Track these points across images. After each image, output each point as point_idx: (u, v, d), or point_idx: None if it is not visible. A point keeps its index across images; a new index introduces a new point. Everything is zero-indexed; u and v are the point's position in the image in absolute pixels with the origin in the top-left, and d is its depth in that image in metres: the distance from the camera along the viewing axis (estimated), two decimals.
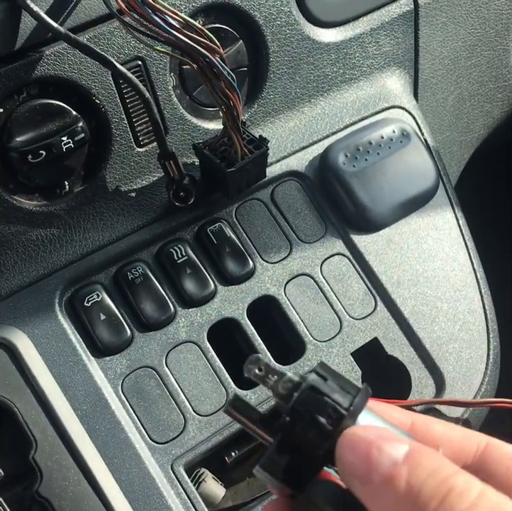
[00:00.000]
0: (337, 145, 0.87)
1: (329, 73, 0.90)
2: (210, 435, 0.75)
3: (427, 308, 0.85)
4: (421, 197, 0.88)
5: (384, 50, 0.94)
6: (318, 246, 0.85)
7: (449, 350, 0.84)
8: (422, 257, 0.87)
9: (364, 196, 0.85)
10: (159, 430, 0.74)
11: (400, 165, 0.88)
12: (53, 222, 0.77)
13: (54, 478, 0.68)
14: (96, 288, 0.77)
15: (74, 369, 0.73)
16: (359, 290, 0.84)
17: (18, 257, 0.75)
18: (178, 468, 0.73)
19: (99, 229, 0.79)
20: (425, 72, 1.00)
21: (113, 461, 0.71)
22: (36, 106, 0.72)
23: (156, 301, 0.78)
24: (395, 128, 0.89)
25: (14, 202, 0.73)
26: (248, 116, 0.86)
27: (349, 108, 0.92)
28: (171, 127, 0.80)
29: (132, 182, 0.80)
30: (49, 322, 0.74)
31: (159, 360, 0.76)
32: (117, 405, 0.73)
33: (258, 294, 0.82)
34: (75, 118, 0.73)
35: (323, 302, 0.83)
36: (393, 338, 0.83)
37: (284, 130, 0.88)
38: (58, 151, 0.72)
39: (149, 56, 0.77)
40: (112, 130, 0.77)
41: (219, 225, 0.82)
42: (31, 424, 0.69)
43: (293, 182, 0.87)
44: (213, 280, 0.81)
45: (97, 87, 0.74)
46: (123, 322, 0.76)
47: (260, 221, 0.85)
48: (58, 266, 0.77)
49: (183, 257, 0.80)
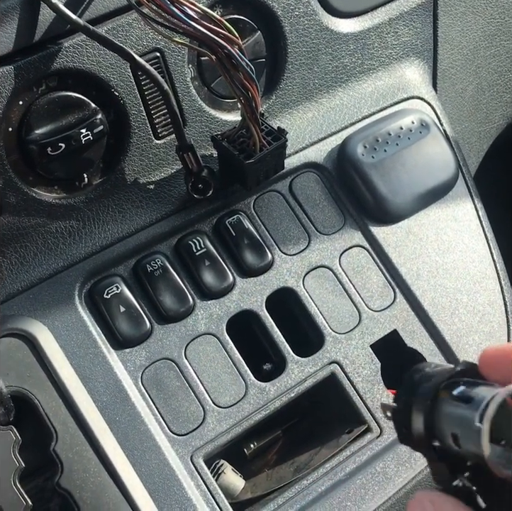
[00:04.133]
0: (356, 136, 0.87)
1: (347, 63, 0.89)
2: (230, 427, 0.75)
3: (446, 300, 0.84)
4: (440, 188, 0.88)
5: (402, 40, 0.93)
6: (336, 238, 0.85)
7: (469, 342, 0.83)
8: (441, 248, 0.87)
9: (383, 188, 0.85)
10: (178, 422, 0.74)
11: (419, 156, 0.87)
12: (72, 214, 0.77)
13: (75, 470, 0.69)
14: (116, 280, 0.77)
15: (94, 361, 0.73)
16: (378, 282, 0.84)
17: (37, 250, 0.76)
18: (197, 459, 0.74)
19: (118, 221, 0.79)
20: (444, 62, 0.99)
21: (133, 453, 0.71)
22: (55, 98, 0.72)
23: (175, 293, 0.78)
24: (414, 118, 0.89)
25: (34, 195, 0.74)
26: (266, 107, 0.85)
27: (367, 99, 0.91)
28: (189, 119, 0.80)
29: (150, 175, 0.80)
30: (69, 314, 0.74)
31: (178, 352, 0.76)
32: (137, 397, 0.74)
33: (277, 286, 0.82)
34: (94, 110, 0.73)
35: (342, 294, 0.83)
36: (413, 330, 0.83)
37: (302, 122, 0.88)
38: (77, 143, 0.72)
39: (168, 48, 0.77)
40: (130, 123, 0.77)
41: (237, 217, 0.82)
42: (52, 416, 0.70)
43: (312, 173, 0.87)
44: (232, 272, 0.81)
45: (116, 79, 0.74)
46: (142, 314, 0.76)
47: (278, 212, 0.84)
48: (77, 258, 0.77)
49: (201, 249, 0.80)
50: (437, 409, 0.44)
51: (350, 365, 0.80)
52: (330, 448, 0.78)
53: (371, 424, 0.78)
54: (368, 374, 0.80)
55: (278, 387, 0.78)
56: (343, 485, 0.75)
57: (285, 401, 0.78)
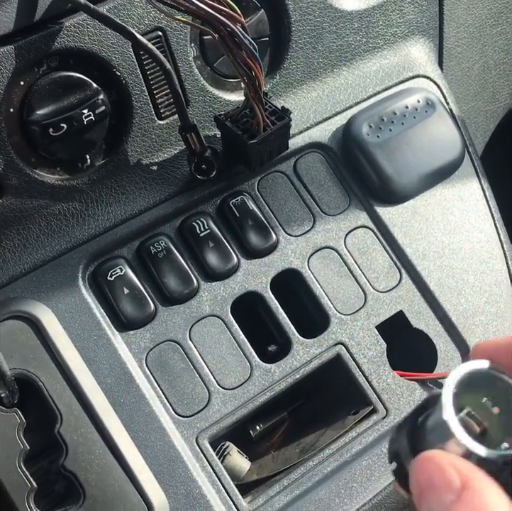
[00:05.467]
0: (361, 116, 0.86)
1: (352, 42, 0.88)
2: (235, 408, 0.75)
3: (453, 280, 0.84)
4: (447, 168, 0.87)
5: (407, 18, 0.92)
6: (341, 219, 0.84)
7: (475, 323, 0.83)
8: (447, 229, 0.86)
9: (388, 168, 0.84)
10: (183, 403, 0.74)
11: (425, 135, 0.86)
12: (75, 196, 0.76)
13: (80, 452, 0.69)
14: (119, 262, 0.76)
15: (98, 343, 0.73)
16: (383, 263, 0.83)
17: (40, 232, 0.75)
18: (203, 441, 0.73)
19: (121, 203, 0.78)
20: (449, 41, 0.98)
21: (138, 435, 0.71)
22: (56, 78, 0.71)
23: (179, 275, 0.77)
24: (420, 97, 0.88)
25: (36, 176, 0.73)
26: (270, 86, 0.84)
27: (372, 78, 0.90)
28: (192, 99, 0.79)
29: (153, 155, 0.79)
30: (73, 296, 0.74)
31: (182, 334, 0.76)
32: (141, 379, 0.73)
33: (281, 268, 0.81)
34: (96, 90, 0.72)
35: (347, 275, 0.82)
36: (419, 311, 0.82)
37: (307, 101, 0.87)
38: (79, 124, 0.71)
39: (170, 26, 0.76)
40: (133, 103, 0.76)
41: (241, 198, 0.82)
42: (56, 398, 0.70)
43: (316, 153, 0.86)
44: (236, 254, 0.80)
45: (117, 59, 0.73)
46: (146, 296, 0.76)
47: (283, 193, 0.84)
48: (81, 240, 0.76)
49: (205, 230, 0.79)
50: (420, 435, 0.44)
51: (356, 347, 0.79)
52: (336, 429, 0.78)
53: (376, 405, 0.78)
54: (374, 355, 0.79)
55: (283, 368, 0.77)
56: (349, 467, 0.75)
57: (290, 382, 0.77)
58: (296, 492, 0.74)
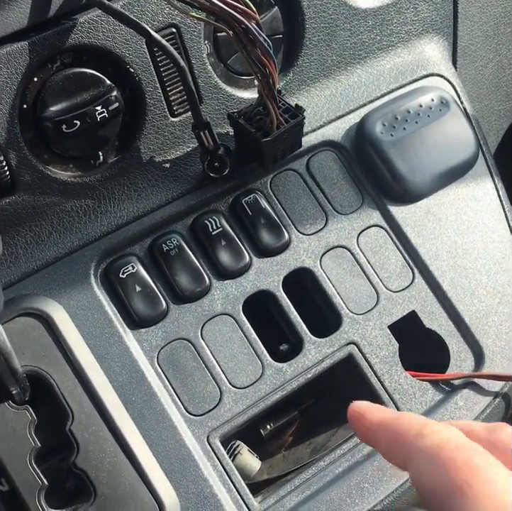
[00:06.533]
0: (375, 114, 0.85)
1: (366, 40, 0.88)
2: (246, 407, 0.75)
3: (466, 280, 0.83)
4: (460, 167, 0.86)
5: (422, 16, 0.91)
6: (354, 218, 0.84)
7: (488, 324, 0.82)
8: (461, 228, 0.85)
9: (402, 166, 0.83)
10: (195, 402, 0.74)
11: (439, 134, 0.85)
12: (88, 193, 0.76)
13: (91, 450, 0.68)
14: (131, 260, 0.76)
15: (110, 341, 0.73)
16: (396, 262, 0.83)
17: (52, 228, 0.75)
18: (214, 440, 0.73)
19: (134, 200, 0.78)
20: (464, 39, 0.97)
21: (150, 433, 0.71)
22: (70, 75, 0.71)
23: (191, 273, 0.77)
24: (434, 96, 0.87)
25: (49, 173, 0.73)
26: (283, 84, 0.84)
27: (386, 76, 0.89)
28: (205, 96, 0.79)
29: (166, 153, 0.79)
30: (85, 294, 0.74)
31: (194, 333, 0.76)
32: (153, 377, 0.73)
33: (293, 267, 0.81)
34: (109, 87, 0.72)
35: (360, 275, 0.82)
36: (432, 311, 0.82)
37: (320, 99, 0.86)
38: (92, 121, 0.71)
39: (184, 23, 0.75)
40: (146, 100, 0.75)
41: (254, 196, 0.81)
42: (67, 396, 0.69)
43: (329, 152, 0.85)
44: (248, 252, 0.80)
45: (131, 55, 0.73)
46: (158, 294, 0.76)
47: (295, 192, 0.83)
48: (93, 237, 0.76)
49: (218, 228, 0.79)
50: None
51: (368, 346, 0.79)
52: (347, 429, 0.77)
53: (388, 405, 0.77)
54: (386, 355, 0.79)
55: (295, 367, 0.77)
56: (361, 467, 0.75)
57: (302, 382, 0.77)
58: (307, 492, 0.73)
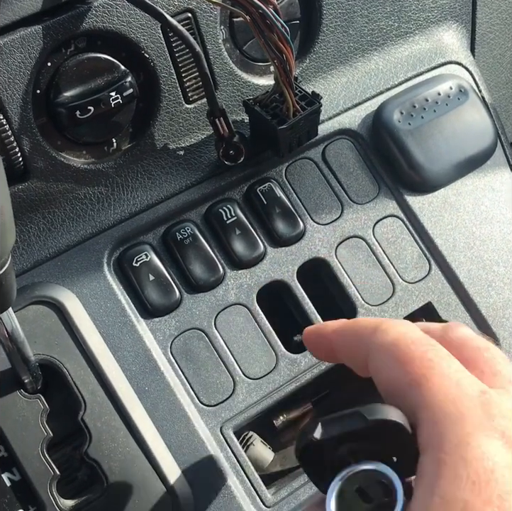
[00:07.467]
0: (392, 102, 0.84)
1: (384, 26, 0.86)
2: (260, 398, 0.74)
3: (483, 272, 0.82)
4: (479, 157, 0.85)
5: (440, 3, 0.90)
6: (370, 207, 0.83)
7: (505, 316, 0.81)
8: (478, 219, 0.84)
9: (419, 155, 0.82)
10: (208, 393, 0.73)
11: (457, 123, 0.84)
12: (101, 180, 0.75)
13: (103, 439, 0.68)
14: (145, 248, 0.75)
15: (123, 330, 0.72)
16: (412, 253, 0.82)
17: (65, 216, 0.74)
18: (227, 431, 0.72)
19: (147, 188, 0.77)
20: (482, 27, 0.96)
21: (162, 423, 0.70)
22: (84, 60, 0.70)
23: (205, 262, 0.76)
24: (452, 84, 0.86)
25: (62, 159, 0.72)
26: (299, 71, 0.83)
27: (404, 64, 0.88)
28: (220, 82, 0.78)
29: (180, 140, 0.78)
30: (98, 282, 0.73)
31: (208, 322, 0.75)
32: (166, 367, 0.72)
33: (308, 257, 0.80)
34: (124, 72, 0.71)
35: (376, 265, 0.81)
36: (448, 303, 0.81)
37: (337, 87, 0.85)
38: (106, 107, 0.70)
39: (200, 8, 0.74)
40: (161, 86, 0.74)
41: (269, 185, 0.80)
42: (80, 385, 0.69)
43: (346, 140, 0.84)
44: (263, 241, 0.79)
45: (146, 40, 0.72)
46: (171, 283, 0.75)
47: (311, 180, 0.82)
48: (106, 225, 0.75)
49: (232, 217, 0.78)
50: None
51: None
52: None
53: None
54: None
55: (309, 358, 0.76)
56: None
57: (316, 373, 0.76)
58: None
